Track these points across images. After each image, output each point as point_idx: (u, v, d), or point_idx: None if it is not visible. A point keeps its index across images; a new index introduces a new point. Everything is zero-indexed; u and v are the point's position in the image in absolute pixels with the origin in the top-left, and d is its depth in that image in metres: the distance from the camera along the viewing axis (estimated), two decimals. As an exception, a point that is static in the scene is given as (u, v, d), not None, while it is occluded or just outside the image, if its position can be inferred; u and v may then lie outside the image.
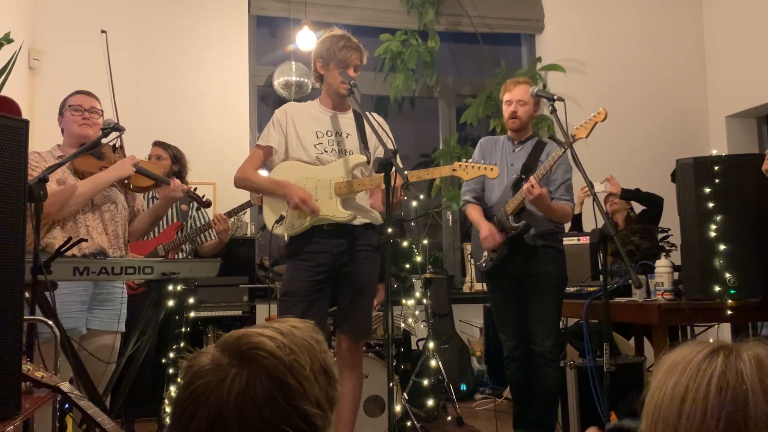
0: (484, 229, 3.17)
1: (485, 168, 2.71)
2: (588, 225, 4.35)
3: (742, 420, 0.67)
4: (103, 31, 2.98)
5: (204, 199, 3.35)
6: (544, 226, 3.17)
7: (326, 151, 2.83)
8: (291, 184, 2.76)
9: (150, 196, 3.65)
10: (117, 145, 3.00)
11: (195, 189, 3.26)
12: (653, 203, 4.28)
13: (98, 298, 2.77)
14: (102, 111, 2.93)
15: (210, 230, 3.67)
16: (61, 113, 2.89)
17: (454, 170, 2.77)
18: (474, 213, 3.31)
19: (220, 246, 3.71)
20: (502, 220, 3.16)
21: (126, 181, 2.87)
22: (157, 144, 3.84)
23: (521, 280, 3.19)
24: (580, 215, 4.39)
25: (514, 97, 3.24)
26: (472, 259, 3.52)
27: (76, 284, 2.65)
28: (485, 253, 3.26)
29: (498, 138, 3.45)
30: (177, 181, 3.04)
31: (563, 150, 2.94)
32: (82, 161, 2.80)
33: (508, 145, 3.34)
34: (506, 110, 3.28)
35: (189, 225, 3.79)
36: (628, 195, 4.28)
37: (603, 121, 2.92)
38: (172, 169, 3.75)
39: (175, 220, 3.73)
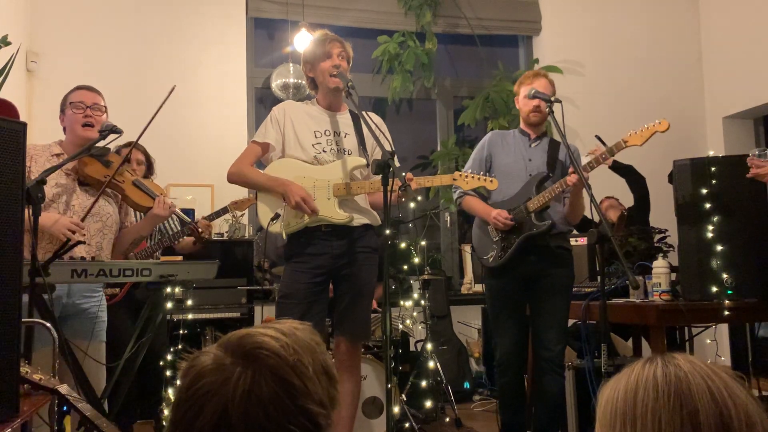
0: (495, 211, 3.04)
1: (485, 180, 2.72)
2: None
3: (686, 390, 0.84)
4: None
5: (197, 226, 3.14)
6: (559, 226, 3.10)
7: (324, 151, 2.83)
8: (289, 181, 2.74)
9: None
10: (127, 157, 2.89)
11: (196, 222, 3.03)
12: (635, 179, 4.30)
13: (70, 311, 2.66)
14: (105, 107, 2.80)
15: (182, 236, 3.53)
16: (62, 110, 2.78)
17: (454, 179, 2.78)
18: (476, 202, 3.19)
19: (199, 246, 3.56)
20: (521, 217, 3.03)
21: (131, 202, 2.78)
22: (139, 148, 3.51)
23: (531, 280, 3.07)
24: None
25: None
26: (475, 253, 3.24)
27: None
28: (493, 247, 3.11)
29: (507, 132, 3.33)
30: (164, 200, 2.81)
31: (611, 156, 2.95)
32: (88, 167, 2.72)
33: (523, 139, 3.21)
34: (527, 104, 3.13)
35: (161, 231, 3.63)
36: (617, 165, 4.29)
37: (664, 132, 2.86)
38: (146, 175, 3.56)
39: None
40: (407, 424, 3.66)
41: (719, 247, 2.91)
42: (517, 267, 3.06)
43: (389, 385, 2.32)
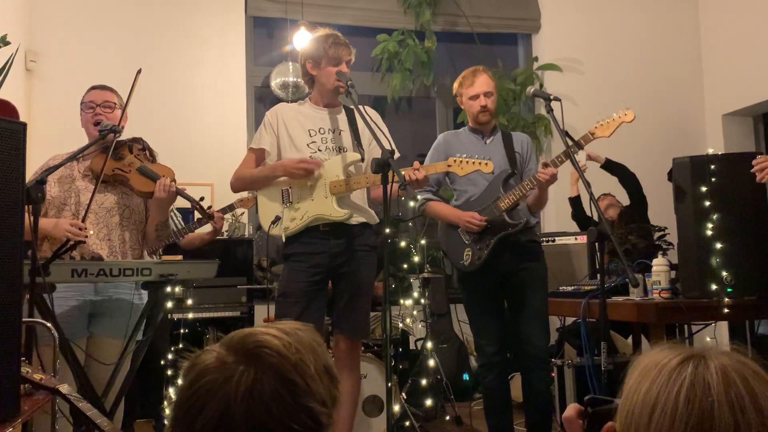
0: (466, 214, 3.02)
1: (480, 163, 2.71)
2: (586, 210, 4.40)
3: (708, 429, 0.72)
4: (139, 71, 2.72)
5: (206, 206, 2.98)
6: (529, 220, 3.10)
7: (320, 150, 2.84)
8: (281, 161, 2.78)
9: None
10: (141, 147, 2.89)
11: (201, 199, 2.91)
12: (627, 176, 4.28)
13: (105, 307, 2.69)
14: (115, 104, 2.80)
15: (186, 232, 3.47)
16: (80, 113, 2.80)
17: (449, 166, 2.78)
18: (442, 207, 3.16)
19: (214, 237, 3.53)
20: (493, 216, 3.02)
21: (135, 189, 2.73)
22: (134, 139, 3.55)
23: (507, 278, 3.07)
24: (578, 197, 4.39)
25: (480, 89, 3.12)
26: (447, 258, 3.21)
27: (70, 289, 2.61)
28: (467, 251, 3.08)
29: (458, 132, 3.30)
30: (163, 182, 2.69)
31: (579, 149, 2.92)
32: (98, 162, 2.71)
33: (477, 137, 3.20)
34: (473, 105, 3.14)
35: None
36: (610, 164, 4.28)
37: (630, 122, 2.88)
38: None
39: None
40: (407, 423, 3.66)
41: (719, 245, 2.91)
42: (492, 267, 3.04)
43: (389, 384, 2.33)
